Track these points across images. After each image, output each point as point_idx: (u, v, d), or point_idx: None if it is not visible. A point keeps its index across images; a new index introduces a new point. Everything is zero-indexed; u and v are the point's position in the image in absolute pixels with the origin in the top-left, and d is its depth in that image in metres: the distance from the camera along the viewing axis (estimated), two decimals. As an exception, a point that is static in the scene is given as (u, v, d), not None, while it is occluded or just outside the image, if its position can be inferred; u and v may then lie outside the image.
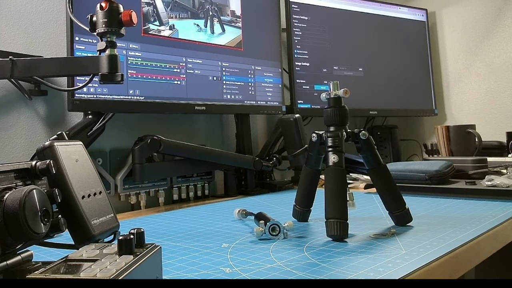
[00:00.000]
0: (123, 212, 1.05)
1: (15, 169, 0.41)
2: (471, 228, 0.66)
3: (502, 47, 1.74)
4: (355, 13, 1.64)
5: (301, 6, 1.49)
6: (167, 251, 0.61)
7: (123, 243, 0.38)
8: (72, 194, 0.48)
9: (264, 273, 0.49)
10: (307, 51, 1.48)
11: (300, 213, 0.77)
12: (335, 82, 0.71)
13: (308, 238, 0.65)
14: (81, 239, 0.48)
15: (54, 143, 0.50)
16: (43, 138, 1.00)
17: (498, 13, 1.75)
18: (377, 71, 1.67)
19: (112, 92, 0.98)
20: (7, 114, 0.96)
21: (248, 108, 1.28)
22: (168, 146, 1.01)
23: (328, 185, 0.64)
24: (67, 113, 1.04)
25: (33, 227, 0.38)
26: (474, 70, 1.82)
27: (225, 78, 1.22)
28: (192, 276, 0.50)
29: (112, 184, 1.04)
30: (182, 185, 1.18)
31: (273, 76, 1.35)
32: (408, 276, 0.47)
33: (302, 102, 1.44)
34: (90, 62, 0.65)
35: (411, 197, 0.98)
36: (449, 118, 1.89)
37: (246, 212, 0.80)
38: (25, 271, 0.40)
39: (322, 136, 0.71)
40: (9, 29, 0.97)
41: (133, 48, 1.03)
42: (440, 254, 0.53)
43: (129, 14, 0.63)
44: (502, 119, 1.73)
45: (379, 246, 0.58)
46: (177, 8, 1.13)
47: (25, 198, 0.38)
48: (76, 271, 0.34)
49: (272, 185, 1.28)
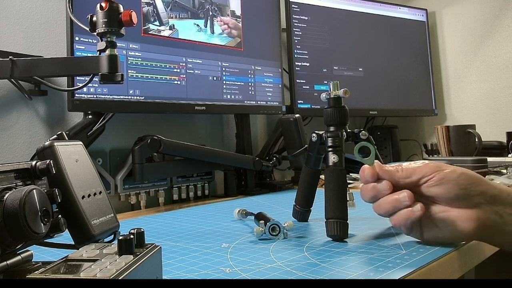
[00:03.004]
0: (123, 212, 1.05)
1: (15, 169, 0.41)
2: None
3: (502, 47, 1.74)
4: (355, 13, 1.64)
5: (301, 6, 1.49)
6: (167, 251, 0.61)
7: (123, 243, 0.38)
8: (72, 194, 0.48)
9: (264, 273, 0.49)
10: (307, 51, 1.48)
11: (300, 213, 0.77)
12: (335, 82, 0.70)
13: (308, 238, 0.65)
14: (81, 239, 0.48)
15: (54, 143, 0.50)
16: (43, 138, 1.00)
17: (498, 13, 1.75)
18: (377, 71, 1.67)
19: (112, 92, 0.98)
20: (7, 114, 0.96)
21: (248, 108, 1.28)
22: (168, 146, 1.01)
23: (328, 185, 0.64)
24: (67, 113, 1.04)
25: (33, 227, 0.38)
26: (474, 70, 1.82)
27: (225, 78, 1.22)
28: (192, 276, 0.50)
29: (112, 184, 1.04)
30: (182, 185, 1.18)
31: (273, 76, 1.35)
32: (408, 276, 0.47)
33: (302, 102, 1.44)
34: (90, 62, 0.65)
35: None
36: (449, 118, 1.89)
37: (246, 212, 0.80)
38: (25, 271, 0.40)
39: (322, 136, 0.71)
40: (9, 29, 0.97)
41: (133, 48, 1.03)
42: (440, 254, 0.53)
43: (129, 14, 0.63)
44: (502, 119, 1.73)
45: (379, 246, 0.58)
46: (177, 8, 1.13)
47: (25, 198, 0.38)
48: (76, 271, 0.34)
49: (272, 185, 1.28)
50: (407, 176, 0.55)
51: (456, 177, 0.52)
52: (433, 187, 0.53)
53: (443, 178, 0.53)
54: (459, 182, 0.52)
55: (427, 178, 0.54)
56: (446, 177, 0.52)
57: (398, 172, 0.55)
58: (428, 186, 0.54)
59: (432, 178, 0.53)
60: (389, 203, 0.55)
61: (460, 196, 0.52)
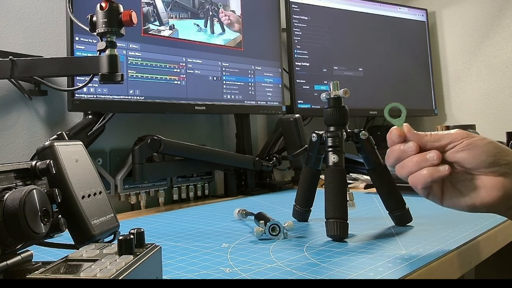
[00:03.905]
0: (123, 212, 1.05)
1: (15, 169, 0.41)
2: (471, 228, 0.66)
3: (502, 47, 1.74)
4: (355, 13, 1.64)
5: (301, 6, 1.49)
6: (167, 251, 0.61)
7: (123, 243, 0.38)
8: (72, 194, 0.48)
9: (264, 273, 0.49)
10: (307, 51, 1.48)
11: (300, 213, 0.77)
12: (335, 82, 0.71)
13: (308, 238, 0.65)
14: (81, 239, 0.48)
15: (54, 143, 0.50)
16: (43, 138, 1.00)
17: (498, 13, 1.75)
18: (377, 71, 1.67)
19: (112, 92, 0.98)
20: (7, 114, 0.96)
21: (248, 108, 1.28)
22: (168, 146, 1.01)
23: (328, 185, 0.64)
24: (67, 113, 1.04)
25: (33, 227, 0.38)
26: (474, 70, 1.82)
27: (225, 78, 1.22)
28: (192, 276, 0.50)
29: (112, 184, 1.04)
30: (182, 185, 1.18)
31: (273, 76, 1.35)
32: (408, 276, 0.47)
33: (302, 102, 1.44)
34: (90, 62, 0.65)
35: (411, 197, 0.98)
36: (449, 118, 1.89)
37: (246, 212, 0.80)
38: (25, 271, 0.40)
39: (322, 136, 0.71)
40: (9, 29, 0.97)
41: (133, 48, 1.03)
42: (440, 254, 0.53)
43: (129, 14, 0.63)
44: (502, 119, 1.73)
45: (379, 246, 0.58)
46: (177, 8, 1.13)
47: (25, 198, 0.38)
48: (76, 271, 0.34)
49: (272, 185, 1.28)
50: (435, 140, 0.53)
51: (485, 144, 0.52)
52: (461, 152, 0.52)
53: (471, 143, 0.52)
54: (488, 149, 0.51)
55: (456, 143, 0.52)
56: (475, 143, 0.52)
57: (427, 136, 0.54)
58: (456, 151, 0.52)
59: (461, 143, 0.52)
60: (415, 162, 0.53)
61: (487, 162, 0.51)
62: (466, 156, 0.52)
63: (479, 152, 0.51)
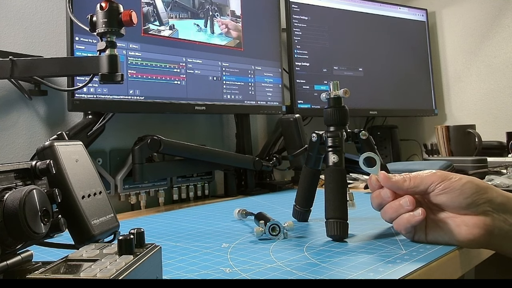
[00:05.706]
0: (123, 212, 1.05)
1: (15, 169, 0.41)
2: (471, 228, 0.66)
3: (502, 47, 1.74)
4: (355, 13, 1.64)
5: (301, 6, 1.49)
6: (167, 251, 0.61)
7: (123, 243, 0.38)
8: (72, 194, 0.48)
9: (264, 273, 0.49)
10: (307, 51, 1.48)
11: (300, 213, 0.77)
12: (335, 82, 0.70)
13: (308, 238, 0.65)
14: (81, 239, 0.48)
15: (54, 143, 0.50)
16: (43, 138, 1.00)
17: (498, 13, 1.75)
18: (377, 71, 1.67)
19: (112, 92, 0.98)
20: (7, 114, 0.96)
21: (248, 108, 1.28)
22: (168, 146, 1.01)
23: (328, 185, 0.64)
24: (67, 113, 1.04)
25: (33, 227, 0.38)
26: (474, 70, 1.82)
27: (225, 78, 1.22)
28: (192, 276, 0.50)
29: (112, 184, 1.04)
30: (182, 185, 1.18)
31: (273, 76, 1.35)
32: (408, 276, 0.47)
33: (302, 102, 1.44)
34: (90, 62, 0.65)
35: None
36: (449, 118, 1.89)
37: (246, 212, 0.80)
38: (25, 271, 0.40)
39: (322, 136, 0.71)
40: (9, 29, 0.97)
41: (133, 48, 1.03)
42: (440, 254, 0.53)
43: (129, 14, 0.63)
44: (502, 119, 1.73)
45: (379, 246, 0.58)
46: (177, 8, 1.13)
47: (25, 198, 0.38)
48: (76, 271, 0.34)
49: (272, 185, 1.28)
50: (415, 186, 0.57)
51: (462, 185, 0.54)
52: (439, 195, 0.55)
53: (448, 187, 0.54)
54: (464, 190, 0.53)
55: (433, 187, 0.55)
56: (452, 186, 0.54)
57: (406, 182, 0.57)
58: (435, 195, 0.55)
59: (439, 187, 0.55)
60: (392, 208, 0.57)
61: (465, 204, 0.53)
62: (444, 199, 0.55)
63: (456, 194, 0.54)
